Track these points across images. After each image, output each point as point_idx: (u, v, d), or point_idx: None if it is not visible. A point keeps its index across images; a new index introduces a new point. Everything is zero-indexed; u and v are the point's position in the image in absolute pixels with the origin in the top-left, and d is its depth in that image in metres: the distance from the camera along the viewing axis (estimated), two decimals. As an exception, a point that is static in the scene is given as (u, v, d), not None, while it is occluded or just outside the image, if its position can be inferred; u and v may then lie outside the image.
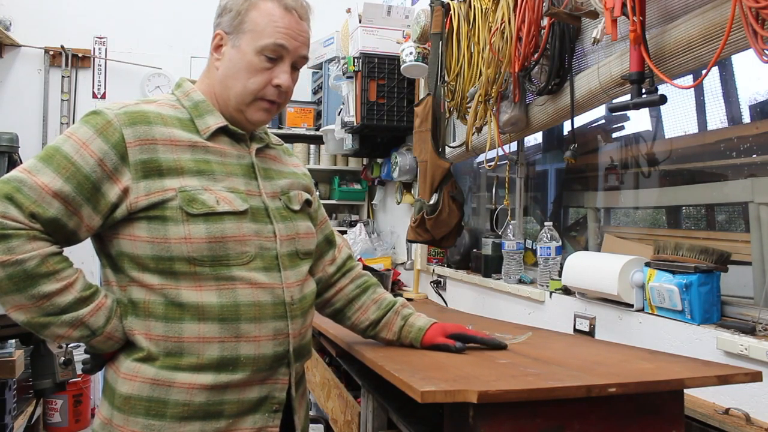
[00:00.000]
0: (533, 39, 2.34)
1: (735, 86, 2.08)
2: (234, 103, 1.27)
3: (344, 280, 1.53)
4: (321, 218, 1.52)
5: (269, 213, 1.28)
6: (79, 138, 1.15)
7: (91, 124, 1.16)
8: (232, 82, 1.26)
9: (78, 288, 1.14)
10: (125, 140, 1.15)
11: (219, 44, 1.28)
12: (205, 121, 1.26)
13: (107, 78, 4.45)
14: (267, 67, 1.25)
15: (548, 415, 1.12)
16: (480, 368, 1.27)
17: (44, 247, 1.11)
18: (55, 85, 4.33)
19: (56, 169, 1.12)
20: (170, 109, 1.25)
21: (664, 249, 1.94)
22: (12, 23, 4.23)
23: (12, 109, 4.24)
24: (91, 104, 4.39)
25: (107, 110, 1.18)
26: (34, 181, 1.10)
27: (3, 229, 1.07)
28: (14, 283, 1.08)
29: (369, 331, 1.52)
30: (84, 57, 4.38)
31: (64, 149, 1.14)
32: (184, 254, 1.16)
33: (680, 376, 1.19)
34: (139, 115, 1.18)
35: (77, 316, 1.13)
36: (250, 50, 1.24)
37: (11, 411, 2.67)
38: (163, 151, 1.18)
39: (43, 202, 1.10)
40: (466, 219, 3.58)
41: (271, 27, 1.23)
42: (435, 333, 1.46)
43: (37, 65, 4.32)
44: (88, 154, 1.14)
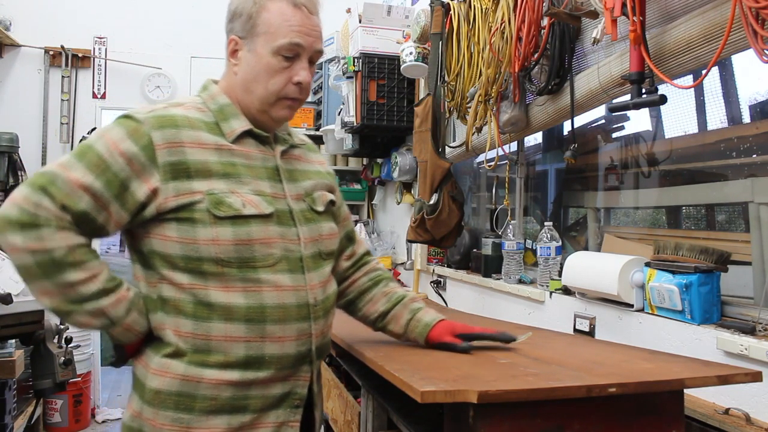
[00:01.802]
0: (533, 39, 2.34)
1: (735, 86, 2.08)
2: (258, 105, 1.29)
3: (358, 273, 1.56)
4: (344, 215, 1.55)
5: (293, 216, 1.30)
6: (110, 138, 1.19)
7: (123, 127, 1.20)
8: (253, 86, 1.28)
9: (102, 279, 1.17)
10: (153, 143, 1.19)
11: (234, 49, 1.30)
12: (230, 125, 1.29)
13: (107, 78, 4.45)
14: (285, 66, 1.26)
15: (548, 415, 1.12)
16: (480, 368, 1.27)
17: (72, 238, 1.14)
18: (55, 85, 4.33)
19: (88, 165, 1.16)
20: (197, 112, 1.28)
21: (664, 249, 1.94)
22: (12, 23, 4.23)
23: (12, 109, 4.24)
24: (91, 104, 4.40)
25: (137, 114, 1.22)
26: (67, 176, 1.15)
27: (35, 218, 1.11)
28: (42, 270, 1.12)
29: (378, 323, 1.54)
30: (84, 57, 4.38)
31: (96, 148, 1.18)
32: (212, 255, 1.20)
33: (680, 376, 1.19)
34: (167, 119, 1.22)
35: (99, 305, 1.17)
36: (267, 52, 1.25)
37: (11, 411, 2.67)
38: (191, 154, 1.21)
39: (74, 195, 1.14)
40: (466, 219, 3.58)
41: (284, 26, 1.25)
42: (442, 331, 1.47)
43: (37, 65, 4.32)
44: (118, 153, 1.18)
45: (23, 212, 1.11)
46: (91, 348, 4.23)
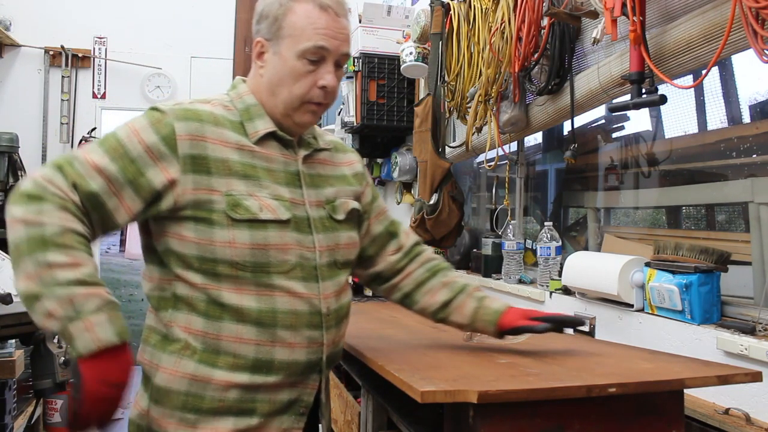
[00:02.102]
0: (533, 39, 2.34)
1: (735, 86, 2.08)
2: (281, 108, 1.27)
3: (412, 264, 1.50)
4: (378, 210, 1.50)
5: (311, 223, 1.28)
6: (133, 126, 1.20)
7: (147, 117, 1.21)
8: (278, 89, 1.26)
9: (83, 271, 1.09)
10: (176, 133, 1.18)
11: (261, 52, 1.28)
12: (255, 125, 1.27)
13: (107, 78, 4.45)
14: (310, 70, 1.24)
15: (548, 415, 1.12)
16: (480, 368, 1.27)
17: (71, 221, 1.11)
18: (55, 85, 4.33)
19: (106, 149, 1.17)
20: (223, 109, 1.27)
21: (664, 249, 1.94)
22: (12, 23, 4.23)
23: (12, 109, 4.24)
24: (91, 104, 4.40)
25: (163, 106, 1.22)
26: (84, 158, 1.16)
27: (43, 191, 1.10)
28: (29, 245, 1.07)
29: (439, 313, 1.47)
30: (84, 57, 4.38)
31: (117, 134, 1.19)
32: (227, 257, 1.18)
33: (680, 376, 1.19)
34: (191, 113, 1.22)
35: (70, 292, 1.07)
36: (292, 55, 1.23)
37: (11, 411, 2.67)
38: (213, 150, 1.20)
39: (87, 175, 1.14)
40: (466, 219, 3.58)
41: (309, 29, 1.22)
42: (514, 316, 1.43)
43: (37, 65, 4.32)
44: (138, 140, 1.18)
45: (35, 185, 1.11)
46: (91, 348, 4.23)
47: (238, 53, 4.54)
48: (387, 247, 1.49)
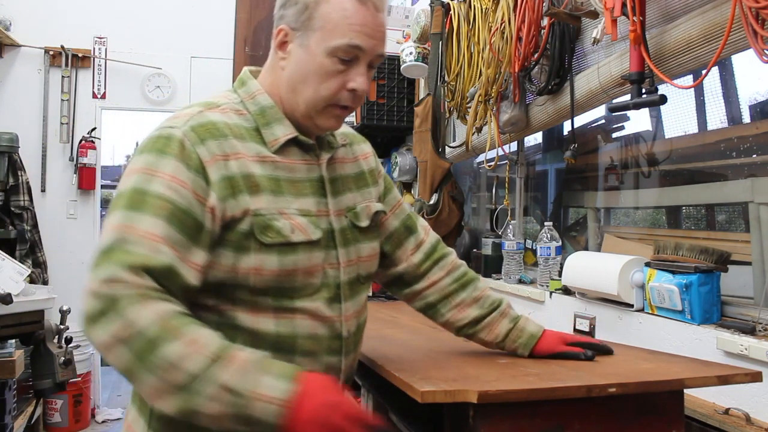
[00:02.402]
0: (533, 39, 2.35)
1: (735, 86, 2.08)
2: (303, 109, 1.11)
3: (438, 271, 1.35)
4: (394, 202, 1.35)
5: (335, 236, 1.14)
6: (163, 171, 1.00)
7: (167, 152, 1.01)
8: (301, 87, 1.10)
9: (208, 345, 0.92)
10: (202, 160, 1.03)
11: (283, 41, 1.11)
12: (273, 132, 1.11)
13: (107, 78, 4.45)
14: (340, 70, 1.08)
15: (548, 415, 1.12)
16: (480, 368, 1.27)
17: (162, 306, 0.93)
18: (55, 85, 4.33)
19: (154, 212, 0.97)
20: (236, 116, 1.11)
21: (664, 249, 1.94)
22: (12, 23, 4.23)
23: (12, 109, 4.24)
24: (91, 104, 4.40)
25: (174, 129, 1.04)
26: (135, 233, 0.95)
27: (114, 299, 0.90)
28: (139, 357, 0.89)
29: (466, 329, 1.35)
30: (84, 57, 4.38)
31: (153, 188, 0.98)
32: (248, 284, 1.04)
33: (680, 376, 1.19)
34: (206, 129, 1.05)
35: (216, 381, 0.89)
36: (321, 51, 1.07)
37: (11, 411, 2.67)
38: (237, 166, 1.05)
39: (151, 251, 0.95)
40: (466, 219, 3.58)
41: (344, 24, 1.07)
42: (553, 341, 1.33)
43: (37, 65, 4.32)
44: (179, 185, 1.00)
45: (99, 298, 0.91)
46: (91, 348, 4.23)
47: (238, 53, 4.54)
48: (406, 244, 1.34)
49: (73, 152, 4.32)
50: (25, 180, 4.01)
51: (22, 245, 3.86)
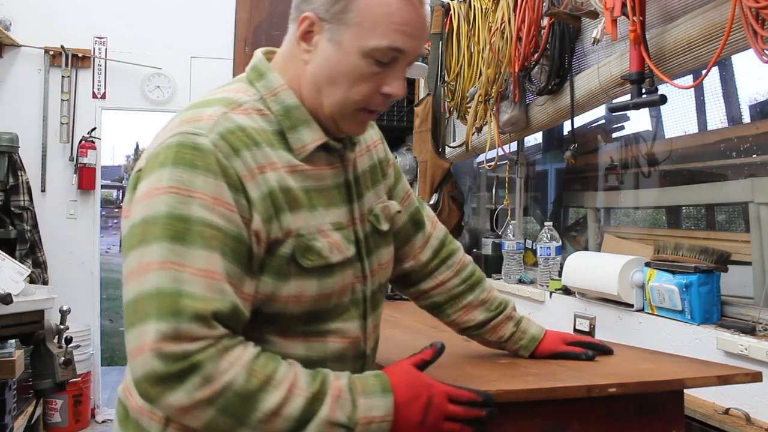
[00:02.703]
0: (533, 39, 2.35)
1: (735, 86, 2.08)
2: (328, 111, 0.98)
3: (446, 271, 1.28)
4: (403, 193, 1.23)
5: (360, 246, 1.04)
6: (202, 192, 0.85)
7: (199, 166, 0.86)
8: (328, 88, 0.96)
9: (303, 384, 0.85)
10: (240, 176, 0.88)
11: (308, 31, 0.96)
12: (300, 137, 0.97)
13: (107, 78, 4.45)
14: (375, 72, 0.95)
15: (548, 415, 1.12)
16: (480, 368, 1.27)
17: (242, 353, 0.83)
18: (55, 85, 4.33)
19: (205, 243, 0.83)
20: (260, 117, 0.95)
21: (664, 249, 1.94)
22: (12, 23, 4.23)
23: (12, 109, 4.24)
24: (91, 104, 4.39)
25: (200, 138, 0.87)
26: (189, 272, 0.81)
27: (188, 356, 0.78)
28: (231, 416, 0.81)
29: (470, 331, 1.31)
30: (84, 57, 4.38)
31: (196, 214, 0.84)
32: (285, 312, 0.94)
33: (680, 376, 1.19)
34: (238, 137, 0.90)
35: (321, 419, 0.84)
36: (355, 50, 0.93)
37: (11, 411, 2.67)
38: (274, 180, 0.92)
39: (215, 293, 0.82)
40: (466, 219, 3.58)
41: (385, 23, 0.93)
42: (553, 342, 1.31)
43: (37, 65, 4.31)
44: (225, 208, 0.86)
45: (168, 358, 0.78)
46: (91, 348, 4.23)
47: (238, 53, 4.54)
48: (413, 240, 1.25)
49: (73, 152, 4.31)
50: (25, 180, 4.01)
51: (22, 245, 3.86)
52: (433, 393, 0.93)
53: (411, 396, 0.91)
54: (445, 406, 0.93)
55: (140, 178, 0.89)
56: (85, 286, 4.33)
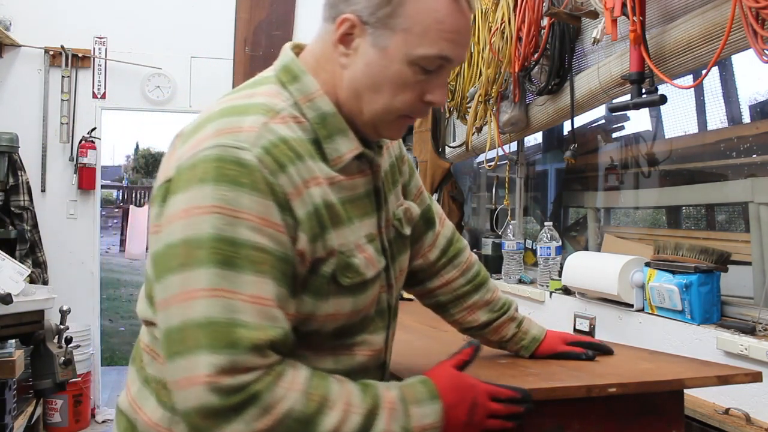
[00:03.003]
0: (533, 39, 2.35)
1: (735, 86, 2.08)
2: (369, 118, 0.93)
3: (452, 270, 1.26)
4: (415, 191, 1.19)
5: (386, 255, 1.00)
6: (249, 212, 0.80)
7: (244, 184, 0.80)
8: (369, 95, 0.91)
9: (357, 401, 0.84)
10: (286, 192, 0.83)
11: (348, 33, 0.90)
12: (336, 147, 0.92)
13: (107, 78, 4.44)
14: (419, 80, 0.91)
15: (548, 415, 1.12)
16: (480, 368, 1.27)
17: (295, 377, 0.81)
18: (55, 85, 4.33)
19: (254, 268, 0.79)
20: (296, 126, 0.89)
21: (664, 249, 1.94)
22: (12, 23, 4.23)
23: (12, 109, 4.24)
24: (91, 104, 4.39)
25: (243, 152, 0.81)
26: (240, 300, 0.78)
27: (245, 388, 0.76)
28: None
29: (473, 331, 1.30)
30: (84, 57, 4.38)
31: (243, 236, 0.79)
32: (319, 329, 0.92)
33: (680, 376, 1.19)
34: (282, 152, 0.84)
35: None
36: (401, 57, 0.88)
37: (11, 411, 2.67)
38: (318, 195, 0.88)
39: (268, 320, 0.79)
40: (466, 219, 3.58)
41: (434, 30, 0.88)
42: (554, 342, 1.31)
43: (37, 65, 4.31)
44: (273, 229, 0.81)
45: (224, 391, 0.75)
46: (91, 348, 4.23)
47: (238, 53, 4.54)
48: (424, 239, 1.22)
49: (73, 152, 4.31)
50: (25, 180, 4.01)
51: (22, 245, 3.86)
52: (476, 393, 0.94)
53: (457, 399, 0.92)
54: (487, 405, 0.95)
55: (170, 191, 0.82)
56: (85, 286, 4.33)
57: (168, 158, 0.89)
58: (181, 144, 0.87)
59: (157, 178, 0.89)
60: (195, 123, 0.89)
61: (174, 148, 0.89)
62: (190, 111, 4.54)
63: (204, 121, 0.87)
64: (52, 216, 4.25)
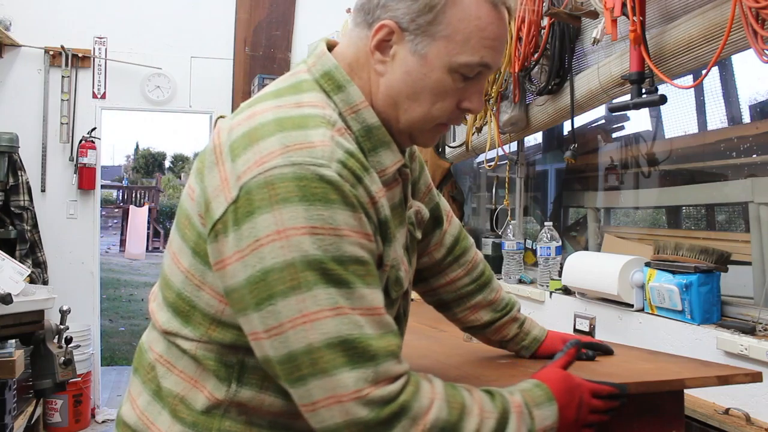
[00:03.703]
0: (533, 39, 2.35)
1: (735, 86, 2.08)
2: (405, 126, 0.92)
3: (458, 269, 1.25)
4: (425, 187, 1.17)
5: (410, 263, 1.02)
6: (346, 228, 0.79)
7: (333, 200, 0.79)
8: (407, 104, 0.90)
9: (489, 407, 0.86)
10: (365, 203, 0.84)
11: (385, 40, 0.88)
12: (381, 160, 0.90)
13: (107, 78, 4.44)
14: (459, 88, 0.90)
15: (548, 415, 1.12)
16: (480, 368, 1.27)
17: (431, 385, 0.83)
18: (55, 85, 4.32)
19: (363, 282, 0.80)
20: (349, 139, 0.87)
21: (664, 249, 1.94)
22: (12, 23, 4.23)
23: (12, 109, 4.24)
24: (91, 104, 4.39)
25: (323, 169, 0.79)
26: (360, 314, 0.78)
27: (392, 400, 0.78)
28: None
29: (475, 330, 1.31)
30: (84, 57, 4.38)
31: (348, 253, 0.79)
32: None
33: (680, 376, 1.19)
34: (353, 164, 0.83)
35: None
36: (442, 65, 0.87)
37: (11, 411, 2.67)
38: (383, 207, 0.88)
39: (388, 328, 0.81)
40: (466, 219, 3.58)
41: (476, 36, 0.87)
42: (554, 342, 1.31)
43: (37, 65, 4.31)
44: (367, 240, 0.82)
45: (375, 404, 0.77)
46: (91, 348, 4.23)
47: (238, 53, 4.54)
48: (431, 237, 1.21)
49: (73, 152, 4.31)
50: (25, 180, 4.01)
51: (22, 245, 3.86)
52: (582, 392, 0.98)
53: (568, 399, 0.95)
54: (590, 402, 0.99)
55: (244, 213, 0.78)
56: (85, 286, 4.33)
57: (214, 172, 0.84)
58: (230, 158, 0.82)
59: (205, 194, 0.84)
60: (241, 132, 0.84)
61: (219, 160, 0.84)
62: (190, 111, 4.54)
63: (256, 132, 0.82)
64: (52, 216, 4.25)
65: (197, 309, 0.88)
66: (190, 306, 0.89)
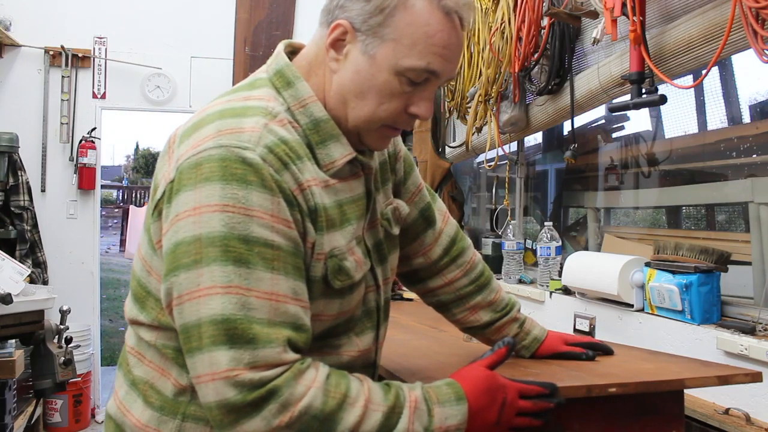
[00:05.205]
0: (533, 39, 2.35)
1: (735, 86, 2.08)
2: (352, 125, 0.94)
3: (456, 270, 1.25)
4: (413, 188, 1.18)
5: (370, 254, 1.01)
6: (260, 209, 0.81)
7: (252, 182, 0.81)
8: (355, 102, 0.92)
9: (378, 400, 0.85)
10: (291, 189, 0.85)
11: (340, 39, 0.91)
12: (329, 153, 0.93)
13: (107, 78, 4.44)
14: (406, 91, 0.91)
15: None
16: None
17: (314, 374, 0.82)
18: (55, 85, 4.32)
19: (267, 265, 0.80)
20: (293, 130, 0.90)
21: (664, 249, 1.94)
22: (12, 23, 4.23)
23: (12, 109, 4.24)
24: (91, 104, 4.39)
25: (247, 152, 0.82)
26: (255, 297, 0.79)
27: (262, 384, 0.77)
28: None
29: (474, 331, 1.31)
30: (84, 57, 4.38)
31: (255, 234, 0.80)
32: None
33: (680, 376, 1.19)
34: (284, 151, 0.86)
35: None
36: (388, 67, 0.89)
37: (11, 411, 2.67)
38: (317, 196, 0.89)
39: (283, 316, 0.81)
40: (466, 219, 3.58)
41: (423, 42, 0.88)
42: (554, 342, 1.31)
43: (37, 65, 4.31)
44: (284, 225, 0.83)
45: (243, 386, 0.77)
46: (91, 348, 4.23)
47: (238, 53, 4.54)
48: (423, 237, 1.21)
49: (73, 152, 4.31)
50: (25, 180, 4.01)
51: (22, 245, 3.86)
52: (506, 393, 0.95)
53: (488, 400, 0.92)
54: (516, 403, 0.95)
55: (174, 191, 0.83)
56: (85, 286, 4.33)
57: (165, 160, 0.90)
58: (177, 145, 0.88)
59: (156, 181, 0.90)
60: (190, 124, 0.90)
61: (170, 150, 0.90)
62: (189, 111, 4.54)
63: (201, 122, 0.88)
64: (52, 216, 4.25)
65: (151, 294, 0.91)
66: (145, 291, 0.92)
